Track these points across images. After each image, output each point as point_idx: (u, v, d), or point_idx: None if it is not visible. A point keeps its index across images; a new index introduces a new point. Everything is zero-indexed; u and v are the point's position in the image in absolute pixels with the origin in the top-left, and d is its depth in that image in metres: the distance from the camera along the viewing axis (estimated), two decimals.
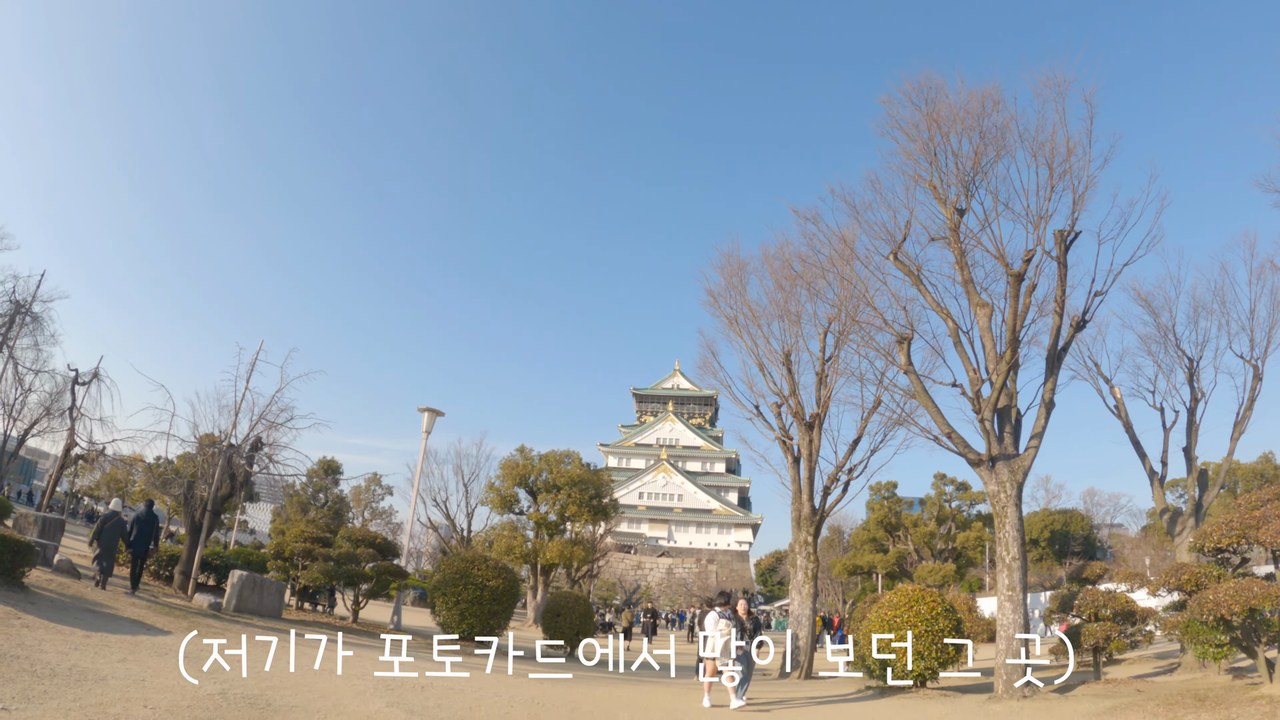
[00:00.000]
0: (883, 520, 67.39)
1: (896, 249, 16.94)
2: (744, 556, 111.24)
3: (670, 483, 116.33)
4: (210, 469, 19.84)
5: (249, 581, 18.19)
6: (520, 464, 45.79)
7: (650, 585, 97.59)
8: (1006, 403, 16.42)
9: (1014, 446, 16.29)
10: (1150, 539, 60.60)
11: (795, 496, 22.37)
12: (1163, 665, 20.23)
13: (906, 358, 16.77)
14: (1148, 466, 21.40)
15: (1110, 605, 17.10)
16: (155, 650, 10.23)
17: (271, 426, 20.53)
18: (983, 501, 67.20)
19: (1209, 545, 12.85)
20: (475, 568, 20.64)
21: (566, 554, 43.20)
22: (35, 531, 19.50)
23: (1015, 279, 15.60)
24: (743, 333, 23.17)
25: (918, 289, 16.91)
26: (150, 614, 13.59)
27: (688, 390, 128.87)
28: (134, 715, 6.67)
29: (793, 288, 22.00)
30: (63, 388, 29.05)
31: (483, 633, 20.61)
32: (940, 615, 15.56)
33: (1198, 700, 11.66)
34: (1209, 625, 11.62)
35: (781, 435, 22.82)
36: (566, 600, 22.64)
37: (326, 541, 23.48)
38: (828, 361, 22.03)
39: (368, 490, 75.27)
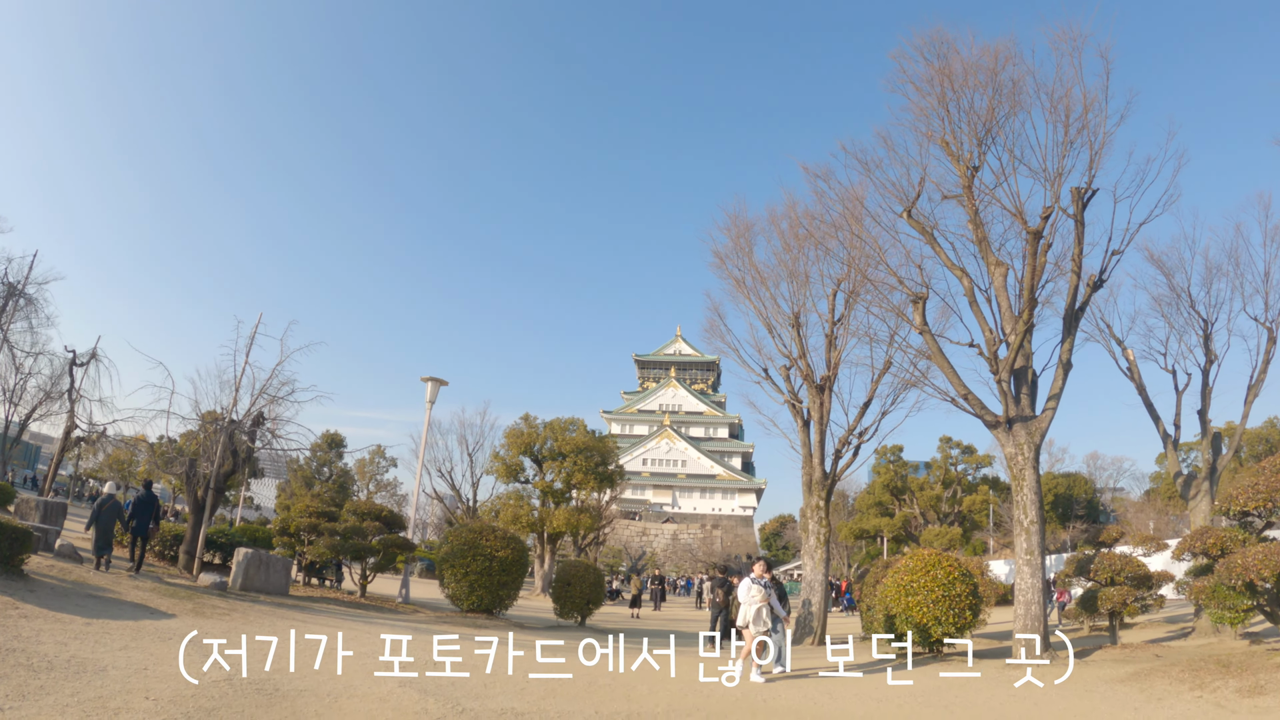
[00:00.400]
0: (888, 484, 67.35)
1: (910, 207, 16.50)
2: (748, 521, 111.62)
3: (674, 448, 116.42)
4: (212, 446, 19.53)
5: (255, 559, 17.98)
6: (525, 432, 45.59)
7: (655, 551, 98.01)
8: (1023, 363, 16.09)
9: (1031, 408, 15.99)
10: (1154, 503, 60.54)
11: (806, 460, 22.10)
12: (1174, 630, 20.11)
13: (922, 317, 16.39)
14: (1161, 429, 21.11)
15: (1127, 569, 16.87)
16: (158, 635, 9.96)
17: (273, 401, 20.21)
18: (989, 465, 67.19)
19: (1235, 509, 12.56)
20: (484, 538, 20.41)
21: (573, 522, 43.15)
22: (37, 516, 19.31)
23: (1034, 236, 15.17)
24: (750, 294, 22.80)
25: (932, 247, 16.49)
26: (154, 596, 13.33)
27: (690, 356, 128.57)
28: (135, 708, 6.38)
29: (801, 248, 21.61)
30: (61, 370, 28.75)
31: (492, 604, 20.46)
32: (957, 580, 15.33)
33: (1222, 666, 11.45)
34: (1237, 590, 11.34)
35: (791, 398, 22.52)
36: (577, 569, 22.44)
37: (332, 516, 23.28)
38: (838, 322, 21.67)
39: (372, 463, 75.28)
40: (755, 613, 12.45)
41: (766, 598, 12.60)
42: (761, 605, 12.47)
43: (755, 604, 12.49)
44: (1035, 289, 15.47)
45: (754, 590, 12.63)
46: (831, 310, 21.84)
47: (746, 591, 12.75)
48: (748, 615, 12.57)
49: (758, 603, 12.49)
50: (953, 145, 16.25)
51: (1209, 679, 10.93)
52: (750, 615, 12.50)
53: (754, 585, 12.71)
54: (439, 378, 26.97)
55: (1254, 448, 56.10)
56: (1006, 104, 15.60)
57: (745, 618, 12.59)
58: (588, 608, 22.31)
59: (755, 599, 12.53)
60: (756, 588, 12.65)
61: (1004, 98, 15.57)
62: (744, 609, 12.65)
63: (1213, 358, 20.54)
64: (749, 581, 12.90)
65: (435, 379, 26.92)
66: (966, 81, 15.74)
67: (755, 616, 12.44)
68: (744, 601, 12.71)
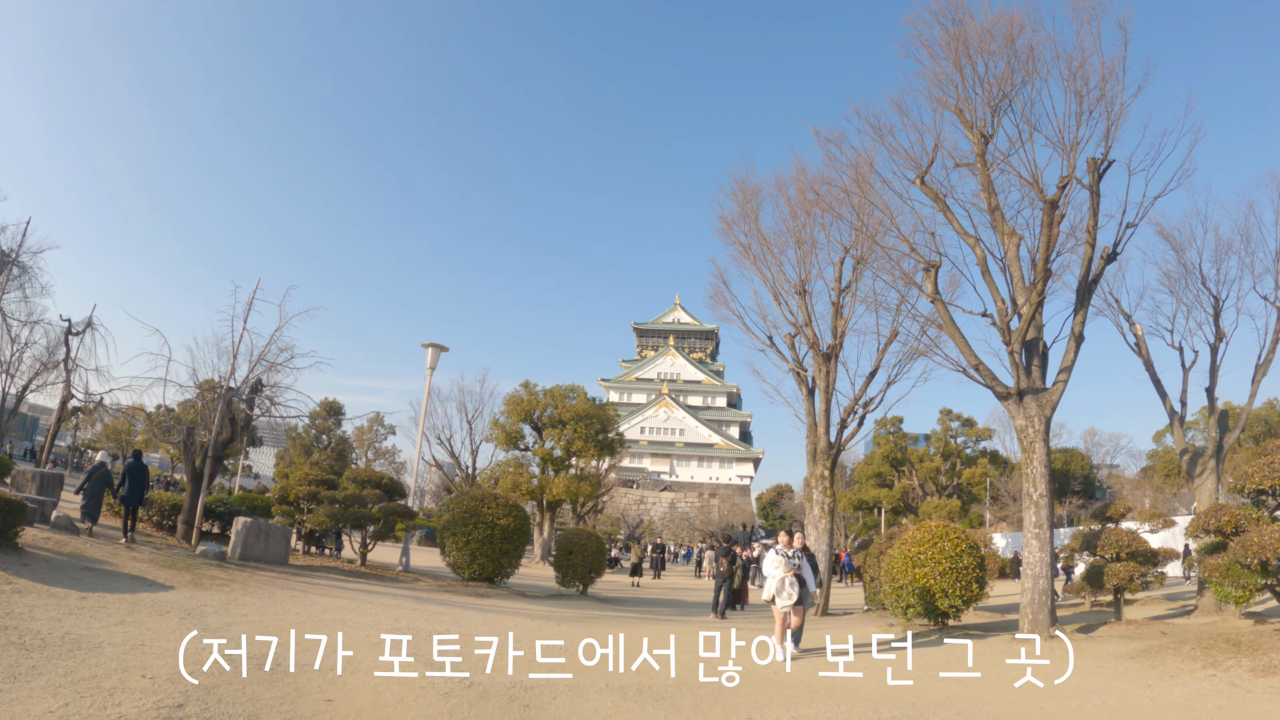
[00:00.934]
0: (888, 455, 67.42)
1: (923, 174, 16.13)
2: (745, 491, 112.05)
3: (672, 417, 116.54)
4: (210, 414, 19.28)
5: (254, 528, 17.81)
6: (525, 399, 45.36)
7: (653, 520, 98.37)
8: (1035, 335, 15.83)
9: (1042, 380, 15.75)
10: (1151, 480, 60.65)
11: (811, 430, 21.90)
12: (1175, 607, 20.07)
13: (934, 286, 16.10)
14: (1168, 405, 20.92)
15: (1133, 545, 16.73)
16: (156, 609, 9.75)
17: (271, 368, 19.95)
18: (988, 438, 67.24)
19: (1249, 487, 12.38)
20: (485, 506, 20.28)
21: (573, 490, 43.10)
22: (34, 488, 19.14)
23: (1049, 206, 14.83)
24: (756, 261, 22.47)
25: (945, 215, 16.15)
26: (151, 568, 13.12)
27: (688, 324, 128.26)
28: (131, 687, 6.16)
29: (809, 213, 21.24)
30: (57, 340, 28.34)
31: (494, 573, 20.38)
32: (965, 552, 15.17)
33: (1232, 645, 11.33)
34: (1251, 569, 11.19)
35: (795, 367, 22.29)
36: (579, 538, 22.32)
37: (331, 484, 23.12)
38: (845, 290, 21.37)
39: (370, 430, 75.15)
40: (778, 584, 11.60)
41: (793, 569, 11.67)
42: (786, 575, 11.57)
43: (780, 574, 11.62)
44: (1049, 260, 15.18)
45: (777, 561, 11.75)
46: (839, 277, 21.53)
47: (773, 565, 11.85)
48: (772, 589, 11.73)
49: (782, 574, 11.61)
50: (966, 113, 15.87)
51: (1221, 657, 10.82)
52: (773, 588, 11.66)
53: (780, 557, 11.80)
54: (440, 344, 26.70)
55: (1253, 428, 56.09)
56: (1022, 71, 15.22)
57: (769, 591, 11.81)
58: (589, 576, 22.24)
59: (779, 571, 11.66)
60: (780, 558, 11.75)
61: (1020, 64, 15.19)
62: (770, 582, 11.80)
63: (1221, 335, 20.30)
64: (772, 553, 12.01)
65: (436, 345, 26.64)
66: (982, 47, 15.33)
67: (778, 588, 11.58)
68: (768, 574, 11.89)
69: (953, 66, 15.69)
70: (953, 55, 15.64)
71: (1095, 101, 14.61)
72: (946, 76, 15.89)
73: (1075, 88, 14.67)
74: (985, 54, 15.28)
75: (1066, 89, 14.76)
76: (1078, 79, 14.60)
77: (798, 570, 11.75)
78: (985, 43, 15.25)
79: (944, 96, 16.05)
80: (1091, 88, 14.56)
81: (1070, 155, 14.83)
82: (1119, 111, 14.56)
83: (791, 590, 11.53)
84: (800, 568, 11.83)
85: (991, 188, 15.92)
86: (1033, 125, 15.27)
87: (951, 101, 15.96)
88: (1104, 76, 14.48)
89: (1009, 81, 15.22)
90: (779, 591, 11.55)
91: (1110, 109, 14.54)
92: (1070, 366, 15.69)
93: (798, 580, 11.67)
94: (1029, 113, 15.30)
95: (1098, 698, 9.31)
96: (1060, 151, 15.00)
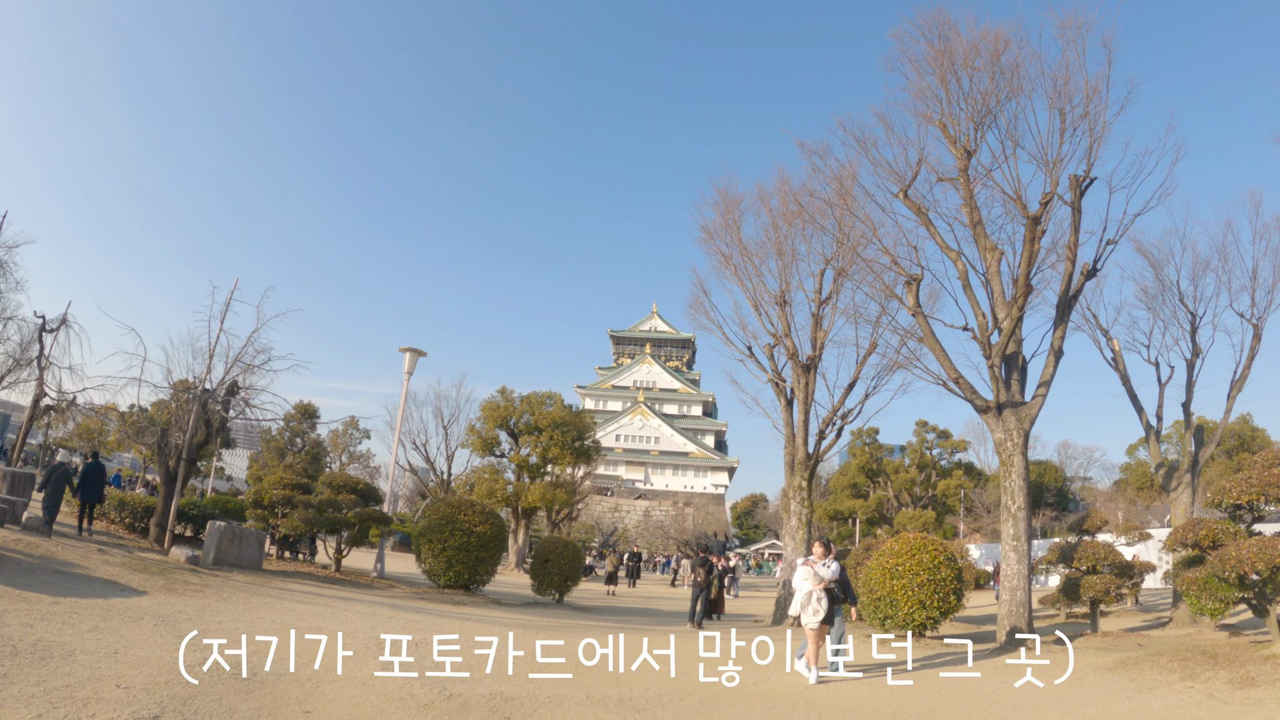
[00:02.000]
0: (864, 466, 67.75)
1: (906, 187, 16.24)
2: (720, 499, 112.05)
3: (647, 425, 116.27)
4: (185, 415, 18.98)
5: (227, 532, 17.53)
6: (501, 406, 45.13)
7: (627, 527, 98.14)
8: (1015, 349, 15.98)
9: (1021, 394, 15.91)
10: (1124, 493, 61.30)
11: (789, 440, 21.92)
12: (1149, 619, 20.28)
13: (915, 299, 16.19)
14: (1144, 420, 21.16)
15: (1110, 558, 16.91)
16: (129, 615, 9.54)
17: (248, 369, 19.66)
18: (964, 450, 67.71)
19: (1227, 501, 12.53)
20: (462, 513, 20.12)
21: (548, 497, 42.90)
22: (4, 488, 18.71)
23: (1032, 221, 14.96)
24: (737, 271, 22.49)
25: (927, 229, 16.27)
26: (124, 572, 12.86)
27: (665, 333, 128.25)
28: (105, 697, 6.00)
29: (790, 225, 21.30)
30: (30, 337, 27.72)
31: (470, 581, 20.21)
32: (942, 564, 15.25)
33: (1209, 657, 11.44)
34: (1229, 582, 11.30)
35: (774, 377, 22.31)
36: (555, 546, 22.19)
37: (306, 488, 22.82)
38: (825, 301, 21.43)
39: (345, 434, 74.42)
40: (804, 598, 10.59)
41: (824, 582, 10.62)
42: (814, 590, 10.54)
43: (807, 587, 10.59)
44: (1030, 275, 15.31)
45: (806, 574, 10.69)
46: (819, 289, 21.60)
47: (803, 577, 10.80)
48: (798, 604, 10.74)
49: (809, 586, 10.60)
50: (951, 127, 16.01)
51: (1198, 669, 10.91)
52: (799, 603, 10.66)
53: (805, 567, 10.79)
54: (417, 349, 26.53)
55: (1226, 443, 56.91)
56: (1007, 87, 15.38)
57: (795, 606, 10.83)
58: (565, 585, 22.12)
59: (807, 584, 10.61)
60: (809, 570, 10.69)
61: (1005, 80, 15.34)
62: (798, 597, 10.79)
63: (1198, 351, 20.58)
64: (801, 565, 10.97)
65: (414, 349, 26.49)
66: (967, 63, 15.48)
67: (804, 603, 10.57)
68: (797, 588, 10.87)
69: (938, 81, 15.84)
70: (938, 70, 15.79)
71: (1078, 119, 14.78)
72: (931, 91, 16.04)
73: (1059, 105, 14.83)
74: (970, 70, 15.43)
75: (1050, 106, 14.93)
76: (1062, 96, 14.77)
77: (830, 584, 10.72)
78: (971, 58, 15.39)
79: (929, 111, 16.21)
80: (1075, 105, 14.74)
81: (1053, 172, 14.98)
82: (1102, 129, 14.75)
83: (819, 606, 10.52)
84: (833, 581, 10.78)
85: (974, 203, 16.05)
86: (1016, 141, 15.45)
87: (936, 116, 16.09)
88: (1088, 94, 14.65)
89: (993, 97, 15.37)
90: (805, 606, 10.61)
91: (1093, 127, 14.72)
92: (1049, 381, 15.84)
93: (827, 595, 10.66)
94: (1013, 129, 15.47)
95: (1077, 709, 9.34)
96: (1043, 168, 15.16)
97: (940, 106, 15.97)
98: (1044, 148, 15.10)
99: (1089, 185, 15.19)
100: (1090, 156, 14.92)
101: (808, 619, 10.50)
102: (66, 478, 18.17)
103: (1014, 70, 15.28)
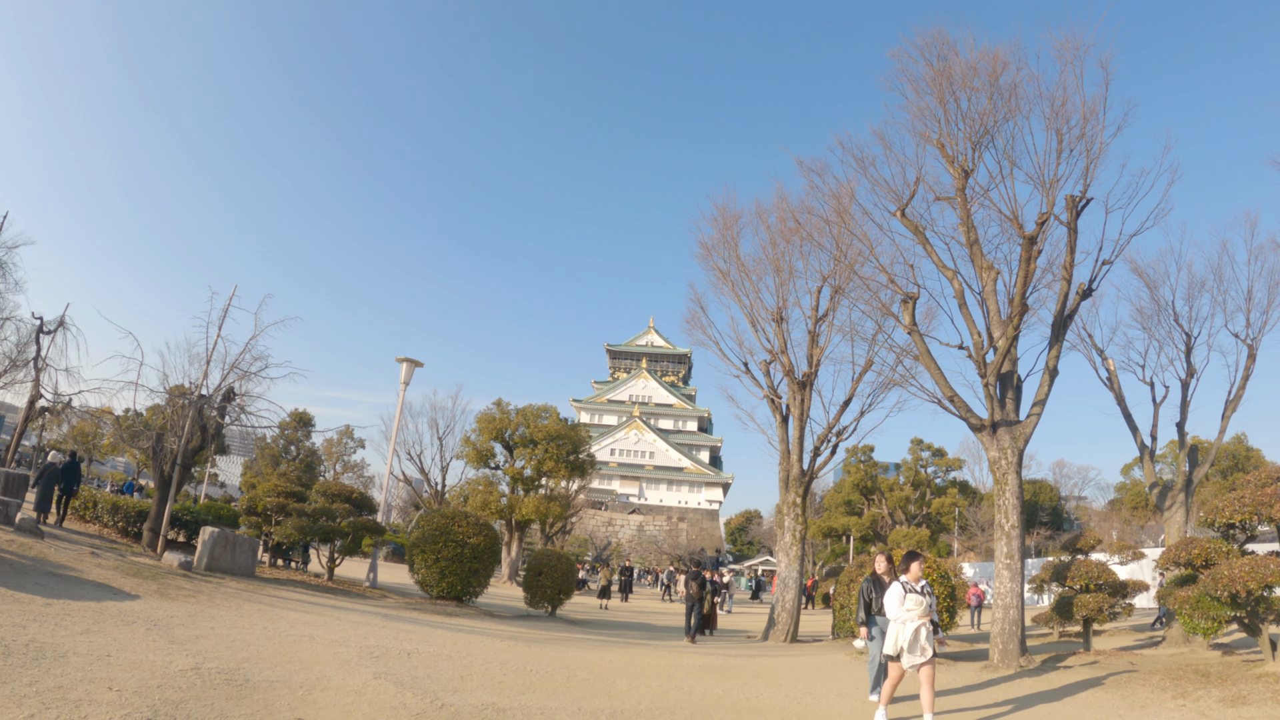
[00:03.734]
0: (858, 483, 67.67)
1: (904, 206, 16.34)
2: (714, 515, 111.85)
3: (642, 440, 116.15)
4: (180, 421, 18.98)
5: (221, 539, 17.50)
6: (497, 418, 45.09)
7: (621, 542, 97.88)
8: (1009, 368, 16.03)
9: (1016, 413, 15.94)
10: (1118, 512, 61.31)
11: (784, 457, 21.93)
12: (1142, 638, 20.27)
13: (911, 317, 16.25)
14: (1138, 439, 21.23)
15: (1104, 576, 16.92)
16: (122, 618, 9.51)
17: (244, 376, 19.66)
18: (959, 468, 67.71)
19: (1220, 520, 12.56)
20: (456, 524, 20.11)
21: (542, 510, 42.80)
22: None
23: (1028, 241, 15.04)
24: (735, 287, 22.54)
25: (924, 248, 16.35)
26: (117, 576, 12.83)
27: (662, 348, 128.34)
28: (98, 699, 5.99)
29: (788, 242, 21.39)
30: (28, 338, 27.68)
31: (463, 592, 20.18)
32: (935, 581, 15.27)
33: (1201, 675, 11.47)
34: (1221, 601, 11.33)
35: (770, 394, 22.35)
36: (549, 559, 22.14)
37: (301, 496, 22.78)
38: (822, 319, 21.48)
39: (340, 443, 74.26)
40: (913, 635, 8.24)
41: (929, 612, 8.36)
42: (923, 624, 8.27)
43: (915, 622, 8.27)
44: (1026, 294, 15.38)
45: (909, 599, 8.37)
46: (816, 306, 21.65)
47: (899, 602, 8.40)
48: (901, 640, 8.27)
49: (918, 620, 8.28)
50: (949, 147, 16.12)
51: (1190, 688, 10.93)
52: (906, 640, 8.23)
53: (908, 593, 8.41)
54: (414, 359, 26.54)
55: (1220, 462, 56.99)
56: (1004, 108, 15.49)
57: (897, 643, 8.31)
58: (558, 598, 22.07)
59: (913, 614, 8.30)
60: (914, 596, 8.39)
61: (1002, 101, 15.45)
62: (895, 629, 8.38)
63: (1193, 371, 20.66)
64: (899, 587, 8.50)
65: (410, 360, 26.50)
66: (966, 83, 15.60)
67: (912, 642, 8.23)
68: (894, 617, 8.40)
69: (936, 101, 15.95)
70: (937, 90, 15.91)
71: (1075, 140, 14.88)
72: (930, 111, 16.15)
73: (1056, 126, 14.93)
74: (969, 90, 15.55)
75: (1048, 127, 15.03)
76: (1059, 117, 14.87)
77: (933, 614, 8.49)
78: (969, 79, 15.51)
79: (927, 130, 16.32)
80: (1072, 126, 14.84)
81: (1049, 192, 15.07)
82: (1098, 150, 14.85)
83: (927, 644, 8.26)
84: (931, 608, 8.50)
85: (971, 222, 16.15)
86: (1013, 161, 15.54)
87: (934, 136, 16.20)
88: (1085, 115, 14.76)
89: (991, 118, 15.48)
90: (911, 646, 8.24)
91: (1090, 147, 14.82)
92: (1044, 400, 15.88)
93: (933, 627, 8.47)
94: (1010, 149, 15.57)
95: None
96: (1040, 188, 15.24)
97: (938, 126, 16.09)
98: (1041, 168, 15.20)
99: (1085, 205, 15.28)
100: (1087, 177, 15.03)
101: (912, 659, 8.26)
102: (56, 477, 20.29)
103: (1012, 91, 15.41)
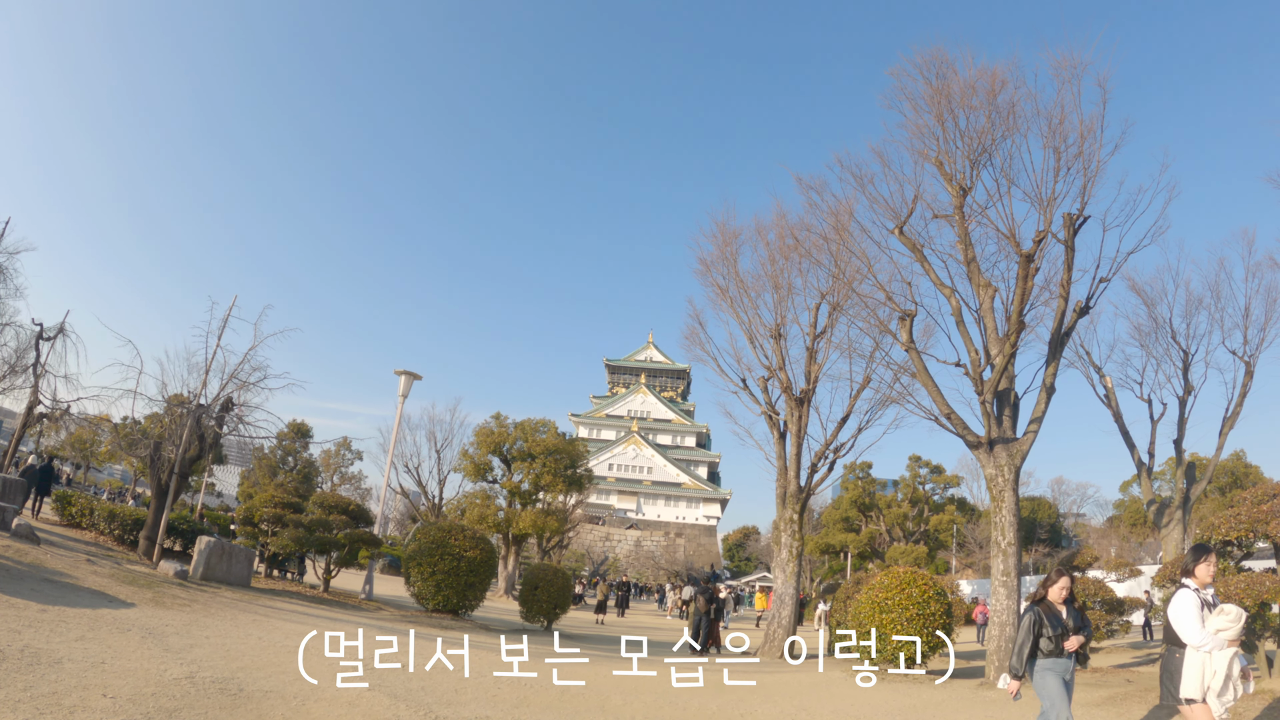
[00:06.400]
0: (856, 500, 67.44)
1: (902, 224, 16.43)
2: (712, 531, 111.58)
3: (640, 455, 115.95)
4: (178, 430, 18.97)
5: (217, 548, 17.47)
6: (495, 431, 45.06)
7: (618, 557, 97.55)
8: (1007, 385, 16.08)
9: (1012, 430, 15.98)
10: (1117, 530, 61.14)
11: (781, 473, 21.95)
12: (1139, 656, 20.20)
13: (909, 334, 16.31)
14: (1136, 456, 21.27)
15: (1101, 594, 16.91)
16: (117, 626, 9.51)
17: (243, 386, 19.67)
18: (957, 485, 67.53)
19: (1216, 537, 12.57)
20: (452, 537, 20.06)
21: (539, 524, 42.72)
22: None
23: (1025, 259, 15.12)
24: (733, 303, 22.63)
25: (922, 265, 16.43)
26: (113, 583, 12.82)
27: (660, 363, 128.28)
28: (92, 705, 6.00)
29: (787, 259, 21.49)
30: (27, 344, 27.70)
31: (459, 605, 20.11)
32: (932, 599, 15.23)
33: None
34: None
35: (768, 410, 22.39)
36: (545, 573, 22.09)
37: (297, 507, 22.77)
38: (820, 335, 21.54)
39: (337, 455, 73.99)
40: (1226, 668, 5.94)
41: (1239, 638, 6.02)
42: (1237, 653, 6.00)
43: (1228, 650, 5.93)
44: (1023, 312, 15.44)
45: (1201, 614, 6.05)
46: (814, 323, 21.72)
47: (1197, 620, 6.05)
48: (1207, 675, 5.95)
49: (1230, 648, 5.96)
50: (947, 165, 16.21)
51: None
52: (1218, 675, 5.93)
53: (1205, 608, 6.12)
54: (413, 372, 26.58)
55: (1218, 479, 56.87)
56: (1003, 126, 15.60)
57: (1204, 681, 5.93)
58: (555, 612, 21.99)
59: (1225, 635, 5.92)
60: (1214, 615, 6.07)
61: (1000, 119, 15.57)
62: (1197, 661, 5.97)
63: (1190, 389, 20.71)
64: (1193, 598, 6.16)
65: (409, 373, 26.54)
66: (964, 101, 15.72)
67: (1225, 681, 5.93)
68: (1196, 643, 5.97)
69: (935, 120, 16.06)
70: (935, 109, 16.02)
71: (1073, 158, 14.97)
72: (928, 129, 16.26)
73: (1054, 144, 15.03)
74: (967, 108, 15.67)
75: (1045, 145, 15.12)
76: (1057, 135, 14.96)
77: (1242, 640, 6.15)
78: (967, 97, 15.63)
79: (925, 148, 16.42)
80: (1070, 144, 14.93)
81: (1047, 210, 15.15)
82: (1096, 168, 14.93)
83: (1241, 683, 6.03)
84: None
85: (969, 240, 16.23)
86: (1011, 179, 15.64)
87: (932, 154, 16.30)
88: (1082, 134, 14.85)
89: (989, 136, 15.59)
90: (1226, 686, 5.97)
91: (1087, 165, 14.91)
92: (1041, 417, 15.91)
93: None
94: (1008, 167, 15.67)
95: None
96: (1037, 206, 15.33)
97: (937, 144, 16.19)
98: (1038, 186, 15.28)
99: (1083, 223, 15.35)
100: (1084, 195, 15.10)
101: (1225, 699, 5.99)
102: (33, 478, 23.57)
103: (1010, 109, 15.52)
